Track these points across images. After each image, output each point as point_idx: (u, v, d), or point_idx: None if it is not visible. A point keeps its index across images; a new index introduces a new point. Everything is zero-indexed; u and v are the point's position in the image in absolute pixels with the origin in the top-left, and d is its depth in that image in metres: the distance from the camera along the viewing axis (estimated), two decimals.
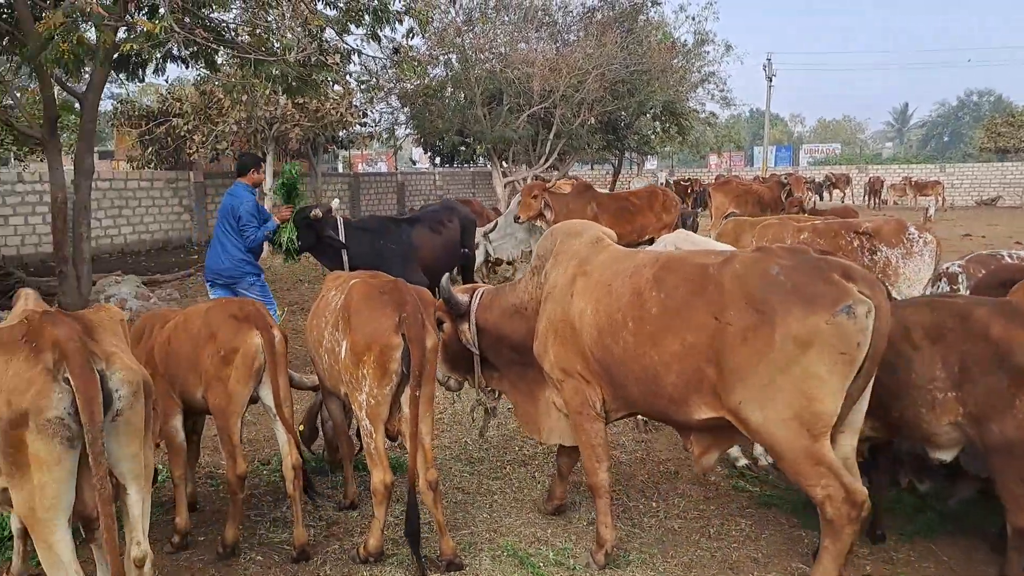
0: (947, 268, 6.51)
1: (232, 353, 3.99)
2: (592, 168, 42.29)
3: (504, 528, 4.42)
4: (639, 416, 5.38)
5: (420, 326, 3.85)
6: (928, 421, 3.66)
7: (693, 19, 25.85)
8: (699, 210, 22.55)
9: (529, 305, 4.23)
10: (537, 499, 4.76)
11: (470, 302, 4.48)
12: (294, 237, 7.64)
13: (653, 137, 28.56)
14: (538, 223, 11.66)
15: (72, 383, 2.75)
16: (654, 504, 4.73)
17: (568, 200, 12.06)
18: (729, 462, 5.18)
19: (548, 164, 21.80)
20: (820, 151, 56.70)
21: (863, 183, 35.82)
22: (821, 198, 32.65)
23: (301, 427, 5.11)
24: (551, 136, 21.19)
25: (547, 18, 21.82)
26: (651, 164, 44.69)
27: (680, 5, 26.24)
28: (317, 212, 7.61)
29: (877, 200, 32.80)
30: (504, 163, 21.89)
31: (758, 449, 5.02)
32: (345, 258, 7.85)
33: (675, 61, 24.45)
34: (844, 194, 35.68)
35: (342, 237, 7.84)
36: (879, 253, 6.76)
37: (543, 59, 19.59)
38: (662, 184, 27.52)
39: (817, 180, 34.17)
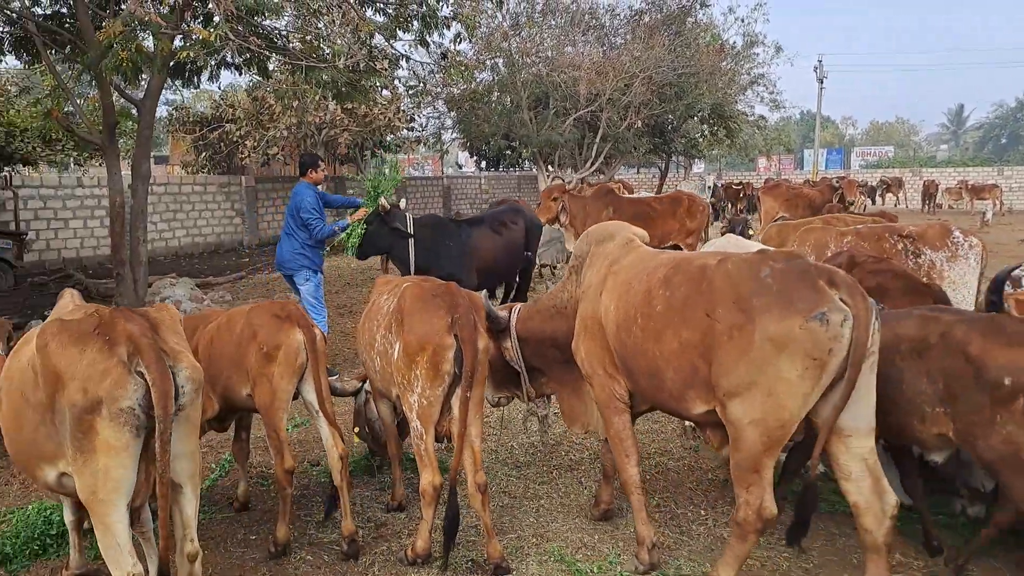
0: (1011, 271, 6.36)
1: (275, 350, 4.11)
2: (638, 172, 42.01)
3: (551, 533, 4.40)
4: (688, 423, 5.45)
5: (472, 328, 3.89)
6: (920, 431, 3.75)
7: (742, 21, 25.64)
8: (751, 215, 22.24)
9: (569, 304, 4.39)
10: (584, 504, 4.74)
11: (509, 317, 4.65)
12: (361, 232, 8.02)
13: (701, 140, 28.32)
14: (555, 225, 11.71)
15: (147, 377, 2.88)
16: (703, 512, 4.67)
17: (586, 203, 12.02)
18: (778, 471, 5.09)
19: (594, 167, 21.74)
20: (872, 154, 55.52)
21: (917, 187, 34.97)
22: (873, 202, 31.97)
23: (356, 429, 5.18)
24: (597, 139, 21.15)
25: (594, 21, 21.79)
26: (698, 167, 44.27)
27: (729, 7, 26.11)
28: (385, 204, 7.97)
29: (932, 204, 31.98)
30: (550, 167, 21.89)
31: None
32: (411, 250, 8.17)
33: (724, 63, 24.24)
34: (897, 198, 34.87)
35: (409, 231, 8.18)
36: (923, 256, 6.66)
37: (590, 62, 19.57)
38: (709, 187, 27.26)
39: (870, 184, 33.45)
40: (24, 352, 3.20)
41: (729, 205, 25.13)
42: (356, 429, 5.16)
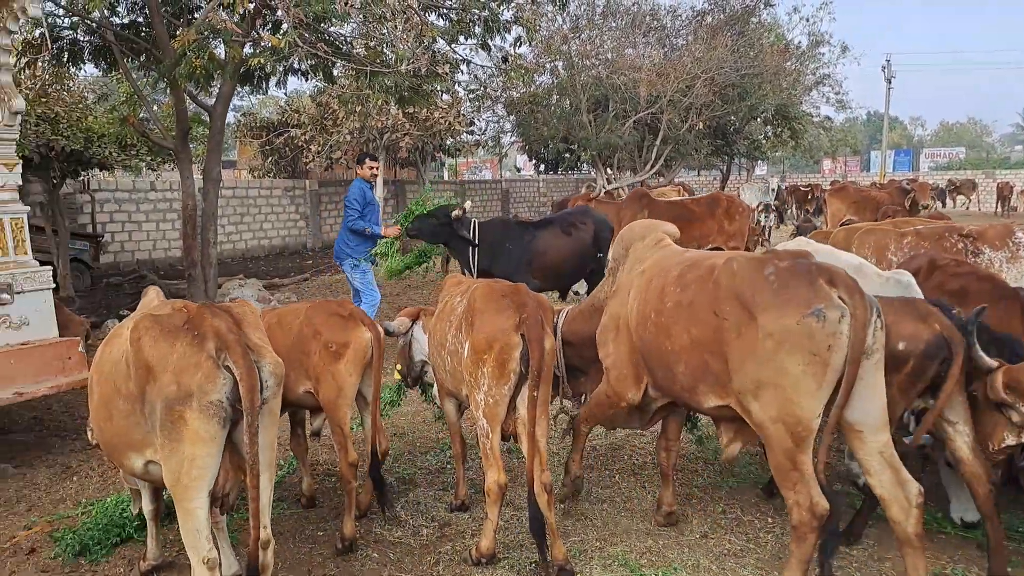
0: None
1: (343, 348, 4.21)
2: (698, 174, 41.51)
3: (615, 537, 4.38)
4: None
5: (540, 327, 3.93)
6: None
7: (807, 20, 25.17)
8: (817, 218, 21.73)
9: (605, 302, 4.56)
10: (648, 509, 4.70)
11: (556, 320, 4.74)
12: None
13: (764, 142, 27.82)
14: None
15: (235, 372, 3.01)
16: (770, 520, 4.59)
17: (620, 208, 11.86)
18: (850, 479, 4.98)
19: (654, 170, 21.55)
20: (942, 155, 53.69)
21: (990, 189, 33.71)
22: (944, 204, 30.93)
23: (399, 367, 5.34)
24: (657, 142, 20.96)
25: (655, 23, 21.62)
26: (760, 170, 43.49)
27: (794, 6, 25.59)
28: (457, 212, 8.29)
29: (1006, 207, 30.80)
30: (609, 169, 21.78)
31: None
32: (473, 256, 8.47)
33: (788, 64, 23.79)
34: (969, 200, 33.68)
35: (473, 237, 8.44)
36: (982, 256, 6.50)
37: (650, 64, 19.42)
38: (772, 190, 26.71)
39: (939, 186, 32.38)
40: (114, 345, 3.33)
41: (794, 208, 24.54)
42: (398, 366, 5.28)
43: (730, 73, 20.16)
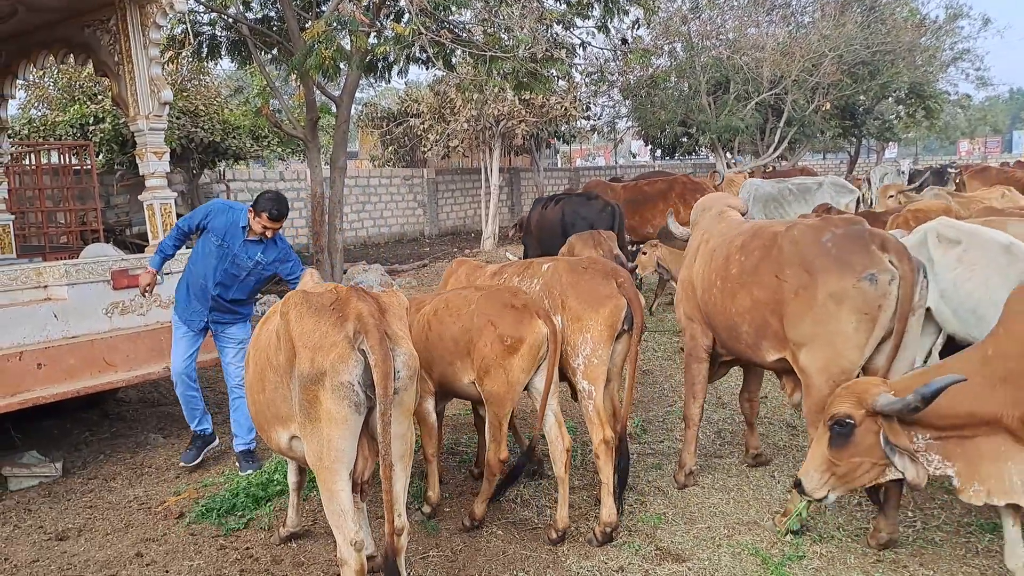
0: None
1: (519, 343, 3.95)
2: (824, 158, 39.74)
3: (743, 526, 4.26)
4: None
5: (634, 288, 4.32)
6: None
7: None
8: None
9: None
10: (777, 500, 4.55)
11: None
12: None
13: (896, 122, 26.28)
14: None
15: (370, 357, 3.00)
16: (910, 514, 4.35)
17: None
18: None
19: (777, 153, 20.79)
20: None
21: None
22: None
23: None
24: (781, 124, 20.20)
25: (779, 0, 20.78)
26: (891, 152, 41.20)
27: None
28: None
29: None
30: (729, 154, 21.17)
31: None
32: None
33: (923, 39, 22.38)
34: None
35: None
36: None
37: (774, 43, 18.70)
38: (902, 172, 25.18)
39: None
40: (272, 321, 3.45)
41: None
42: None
43: (860, 50, 19.18)
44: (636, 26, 12.96)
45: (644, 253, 8.71)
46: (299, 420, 3.10)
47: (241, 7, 10.77)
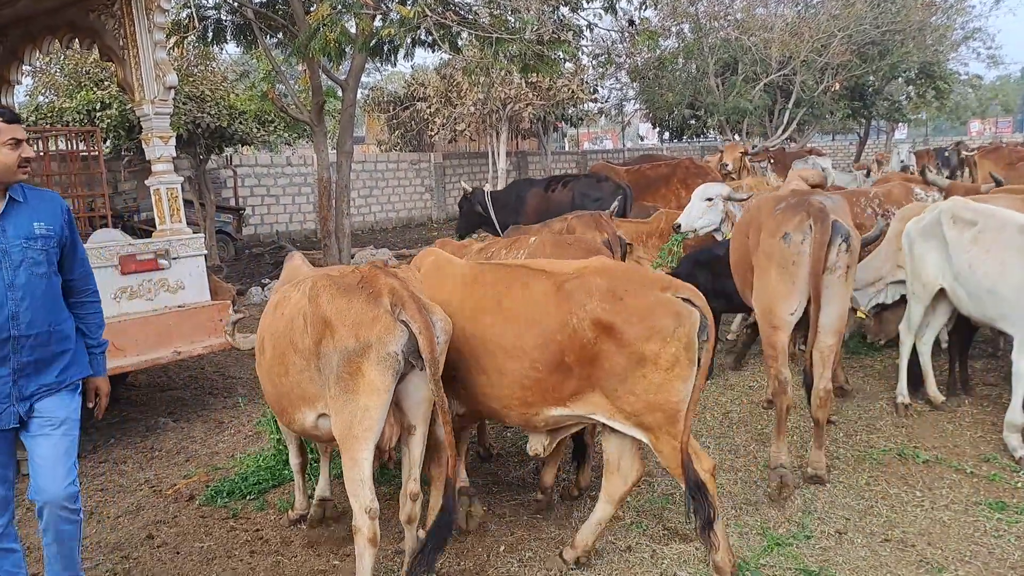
0: None
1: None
2: (833, 139, 39.43)
3: (750, 506, 4.26)
4: (900, 400, 5.36)
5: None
6: None
7: None
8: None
9: None
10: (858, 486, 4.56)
11: None
12: None
13: (906, 103, 26.02)
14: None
15: (412, 326, 3.11)
16: (918, 493, 4.34)
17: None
18: (1008, 452, 4.66)
19: (786, 135, 20.64)
20: None
21: None
22: None
23: None
24: (790, 105, 20.04)
25: None
26: (901, 132, 40.82)
27: None
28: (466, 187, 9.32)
29: None
30: (737, 135, 21.02)
31: None
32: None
33: (934, 18, 22.09)
34: None
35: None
36: None
37: (783, 23, 18.52)
38: (911, 153, 24.95)
39: None
40: (284, 306, 3.49)
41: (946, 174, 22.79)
42: None
43: (869, 30, 18.96)
44: (643, 7, 12.87)
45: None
46: (332, 394, 3.16)
47: None
